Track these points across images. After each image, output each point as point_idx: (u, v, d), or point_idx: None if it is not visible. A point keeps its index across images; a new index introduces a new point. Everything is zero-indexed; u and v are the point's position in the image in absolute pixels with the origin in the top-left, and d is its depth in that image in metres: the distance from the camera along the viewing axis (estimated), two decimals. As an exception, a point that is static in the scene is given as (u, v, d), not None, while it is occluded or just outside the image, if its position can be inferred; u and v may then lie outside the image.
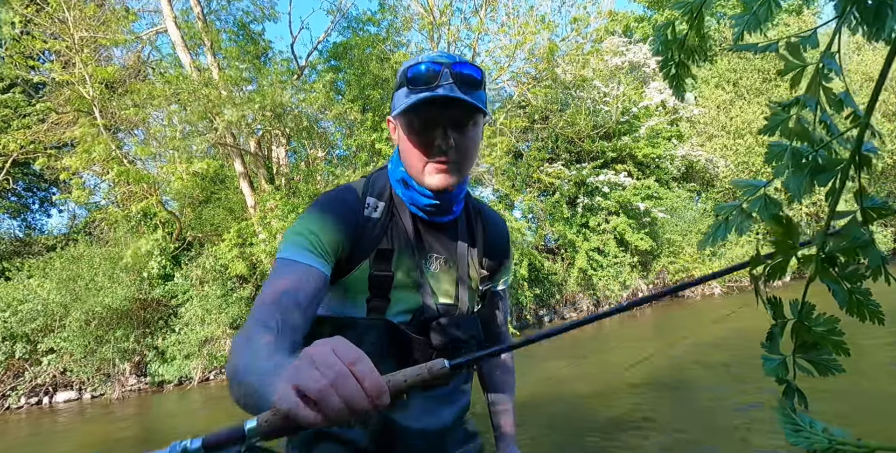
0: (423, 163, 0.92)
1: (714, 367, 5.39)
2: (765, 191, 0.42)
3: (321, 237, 0.89)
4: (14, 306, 7.80)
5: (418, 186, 0.95)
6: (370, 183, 1.02)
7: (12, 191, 12.02)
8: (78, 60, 7.92)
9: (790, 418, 0.39)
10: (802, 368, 0.43)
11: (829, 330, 0.42)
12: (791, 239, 0.40)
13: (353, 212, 0.96)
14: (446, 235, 1.04)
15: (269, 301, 0.79)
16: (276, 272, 0.85)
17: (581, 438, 3.78)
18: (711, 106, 15.00)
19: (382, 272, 0.95)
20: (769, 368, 0.43)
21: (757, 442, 3.31)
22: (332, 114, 8.93)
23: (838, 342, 0.42)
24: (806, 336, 0.43)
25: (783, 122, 0.41)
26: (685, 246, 11.85)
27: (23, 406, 7.56)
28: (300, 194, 8.16)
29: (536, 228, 11.12)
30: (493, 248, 1.12)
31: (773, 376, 0.43)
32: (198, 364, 7.98)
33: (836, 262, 0.40)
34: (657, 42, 0.49)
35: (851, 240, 0.39)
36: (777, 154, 0.41)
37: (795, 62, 0.41)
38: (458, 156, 0.92)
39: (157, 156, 8.66)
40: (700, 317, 9.33)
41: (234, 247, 8.00)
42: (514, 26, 10.03)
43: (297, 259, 0.86)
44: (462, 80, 0.89)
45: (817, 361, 0.43)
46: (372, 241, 0.96)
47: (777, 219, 0.40)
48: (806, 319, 0.42)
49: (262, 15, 9.48)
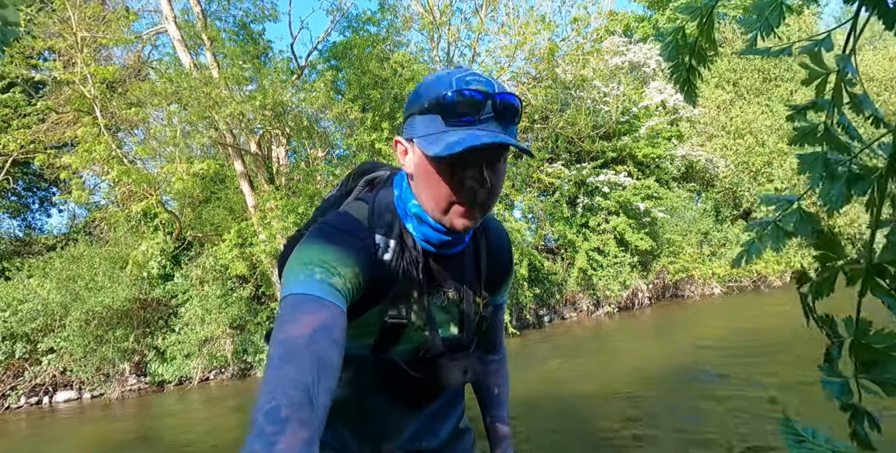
0: (448, 204, 0.82)
1: (714, 366, 5.40)
2: (799, 205, 0.40)
3: (340, 271, 0.76)
4: (14, 306, 7.80)
5: (434, 223, 0.85)
6: (375, 215, 0.89)
7: (12, 191, 12.01)
8: (79, 60, 7.91)
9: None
10: (868, 390, 0.40)
11: (891, 346, 0.39)
12: (835, 252, 0.38)
13: (367, 252, 0.84)
14: (454, 266, 0.96)
15: (300, 344, 0.64)
16: (295, 308, 0.69)
17: (581, 438, 3.78)
18: (711, 106, 15.00)
19: (397, 319, 0.89)
20: (833, 392, 0.40)
21: (758, 441, 3.32)
22: (333, 114, 8.93)
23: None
24: (866, 354, 0.40)
25: (811, 131, 0.40)
26: (685, 246, 11.86)
27: (22, 405, 7.56)
28: (300, 194, 8.16)
29: (536, 228, 11.12)
30: (497, 267, 1.07)
31: (837, 400, 0.40)
32: (198, 364, 7.98)
33: (884, 274, 0.38)
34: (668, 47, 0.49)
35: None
36: (811, 163, 0.39)
37: (818, 69, 0.40)
38: (488, 195, 0.81)
39: (158, 155, 8.66)
40: (700, 317, 9.33)
41: (234, 248, 8.00)
42: (514, 26, 10.02)
43: (319, 294, 0.71)
44: (504, 113, 0.78)
45: (882, 381, 0.39)
46: (386, 284, 0.87)
47: (819, 232, 0.38)
48: (864, 337, 0.40)
49: (263, 15, 9.46)
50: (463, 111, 0.76)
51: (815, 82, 0.39)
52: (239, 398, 7.05)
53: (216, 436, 5.14)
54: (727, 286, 12.03)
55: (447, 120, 0.77)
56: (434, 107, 0.77)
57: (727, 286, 12.03)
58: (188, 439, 5.16)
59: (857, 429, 0.39)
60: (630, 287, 11.08)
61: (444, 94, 0.76)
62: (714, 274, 11.73)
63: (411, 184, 0.87)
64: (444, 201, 0.81)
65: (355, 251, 0.81)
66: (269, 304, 8.63)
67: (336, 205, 1.04)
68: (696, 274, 11.70)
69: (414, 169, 0.84)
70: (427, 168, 0.81)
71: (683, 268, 11.57)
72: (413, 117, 0.83)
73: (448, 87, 0.77)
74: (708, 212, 13.03)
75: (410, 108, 0.83)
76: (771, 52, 0.43)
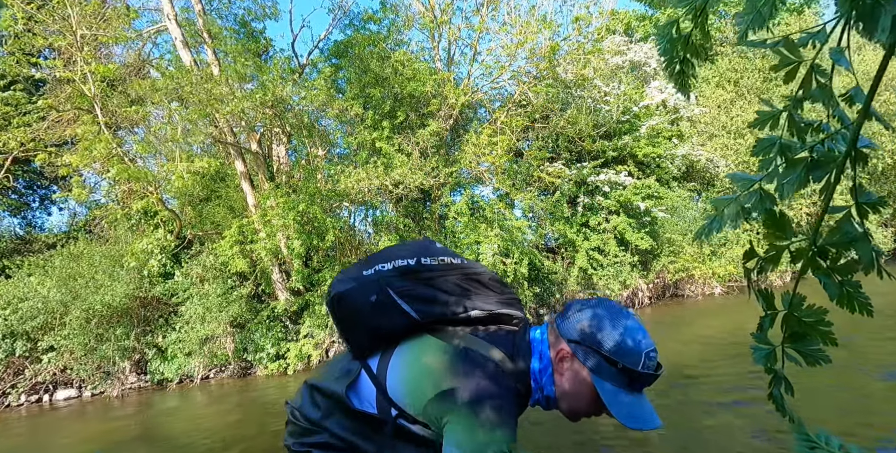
0: (575, 416, 1.09)
1: (714, 366, 5.40)
2: (760, 186, 0.42)
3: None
4: (14, 304, 7.81)
5: (550, 404, 1.09)
6: (518, 379, 1.06)
7: (13, 189, 12.02)
8: (79, 58, 7.91)
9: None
10: (791, 358, 0.43)
11: (818, 320, 0.42)
12: (783, 233, 0.40)
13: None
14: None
15: None
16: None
17: (580, 438, 3.78)
18: (712, 105, 14.99)
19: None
20: (758, 357, 0.43)
21: (758, 441, 3.31)
22: (333, 112, 8.93)
23: (826, 332, 0.42)
24: (795, 326, 0.43)
25: (774, 117, 0.41)
26: (685, 245, 11.86)
27: (23, 404, 7.57)
28: (301, 192, 8.17)
29: (537, 227, 11.12)
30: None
31: (762, 365, 0.43)
32: (198, 362, 7.99)
33: (827, 256, 0.41)
34: (662, 40, 0.49)
35: (843, 235, 0.39)
36: (765, 148, 0.41)
37: (791, 57, 0.41)
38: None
39: (158, 153, 8.66)
40: (700, 316, 9.33)
41: (234, 244, 8.01)
42: (515, 25, 10.01)
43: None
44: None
45: (805, 351, 0.43)
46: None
47: (770, 213, 0.40)
48: (796, 310, 0.43)
49: (264, 12, 9.46)
50: (644, 384, 1.01)
51: (784, 69, 0.40)
52: (240, 396, 7.06)
53: (217, 434, 5.15)
54: (727, 286, 12.03)
55: (630, 385, 1.00)
56: (625, 371, 0.99)
57: (727, 286, 12.03)
58: (189, 437, 5.17)
59: (774, 391, 0.43)
60: (630, 286, 11.09)
61: (636, 368, 0.99)
62: (714, 273, 11.72)
63: (558, 380, 1.06)
64: (580, 414, 1.07)
65: (518, 412, 1.05)
66: (270, 303, 8.64)
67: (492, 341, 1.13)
68: (696, 273, 11.70)
69: (573, 387, 1.05)
70: (589, 397, 1.03)
71: (684, 267, 11.58)
72: (598, 360, 1.01)
73: (638, 359, 0.99)
74: (708, 211, 13.02)
75: (595, 343, 1.01)
76: (765, 44, 0.43)
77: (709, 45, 0.53)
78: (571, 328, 1.04)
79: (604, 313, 1.03)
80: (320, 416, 1.14)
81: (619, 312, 1.03)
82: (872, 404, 3.80)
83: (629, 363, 0.97)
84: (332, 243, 7.98)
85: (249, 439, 4.83)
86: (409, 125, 9.85)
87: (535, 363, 1.07)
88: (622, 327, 1.00)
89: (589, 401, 1.03)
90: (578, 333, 1.02)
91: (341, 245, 9.01)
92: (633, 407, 0.99)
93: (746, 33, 0.41)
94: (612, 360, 0.98)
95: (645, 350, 0.99)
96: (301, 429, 1.17)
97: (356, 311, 1.13)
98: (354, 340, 1.17)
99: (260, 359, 8.13)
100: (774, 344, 0.44)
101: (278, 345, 8.16)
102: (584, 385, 1.02)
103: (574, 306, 1.09)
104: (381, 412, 1.09)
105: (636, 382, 0.99)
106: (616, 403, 0.99)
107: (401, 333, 1.13)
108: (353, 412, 1.10)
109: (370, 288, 1.12)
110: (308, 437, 1.15)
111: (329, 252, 9.01)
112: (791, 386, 0.43)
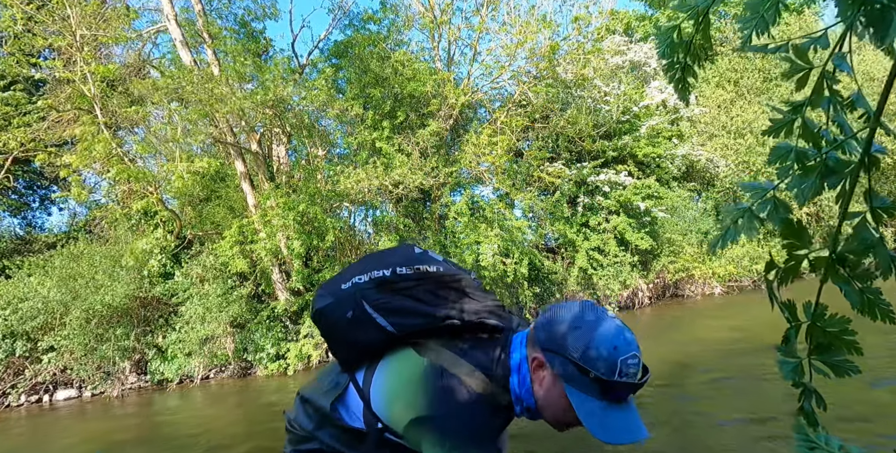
0: (559, 426, 1.06)
1: (714, 366, 5.40)
2: (773, 195, 0.41)
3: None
4: (14, 304, 7.81)
5: (532, 414, 1.07)
6: (495, 398, 1.05)
7: (13, 189, 12.02)
8: (79, 58, 7.91)
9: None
10: (818, 370, 0.43)
11: (842, 330, 0.41)
12: (801, 242, 0.40)
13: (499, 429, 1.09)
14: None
15: None
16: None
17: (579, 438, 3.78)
18: (712, 105, 14.98)
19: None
20: (786, 371, 0.43)
21: (759, 442, 3.31)
22: (333, 112, 8.93)
23: (851, 342, 0.41)
24: (820, 337, 0.42)
25: (788, 124, 0.41)
26: (685, 245, 11.86)
27: (23, 404, 7.57)
28: (301, 192, 8.17)
29: (537, 227, 11.12)
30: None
31: (790, 380, 0.42)
32: (198, 362, 7.99)
33: (846, 263, 0.40)
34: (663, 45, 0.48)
35: (861, 241, 0.38)
36: (781, 155, 0.41)
37: (801, 64, 0.40)
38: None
39: (158, 153, 8.66)
40: (700, 316, 9.33)
41: (234, 245, 8.01)
42: (515, 25, 10.01)
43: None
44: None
45: (833, 363, 0.42)
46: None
47: (788, 222, 0.40)
48: (819, 321, 0.42)
49: (264, 13, 9.45)
50: (621, 395, 0.95)
51: (795, 76, 0.39)
52: (240, 396, 7.06)
53: (217, 434, 5.15)
54: (727, 285, 12.03)
55: (605, 395, 0.94)
56: (597, 381, 0.93)
57: (727, 285, 12.03)
58: (189, 437, 5.17)
59: (805, 405, 0.42)
60: (630, 286, 11.09)
61: (611, 377, 0.92)
62: (714, 273, 11.72)
63: (540, 396, 1.03)
64: (563, 424, 1.04)
65: (496, 432, 1.08)
66: (270, 303, 8.64)
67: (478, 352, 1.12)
68: (696, 273, 11.70)
69: (550, 397, 1.01)
70: (566, 406, 0.98)
71: (684, 267, 11.58)
72: (570, 368, 0.96)
73: (613, 368, 0.92)
74: (708, 211, 13.03)
75: (564, 350, 0.96)
76: (769, 48, 0.43)
77: (709, 46, 0.52)
78: (545, 335, 1.00)
79: (578, 318, 0.98)
80: (313, 427, 1.18)
81: (595, 316, 0.98)
82: (876, 408, 3.79)
83: (602, 372, 0.92)
84: (332, 243, 7.99)
85: (249, 439, 4.82)
86: (409, 125, 9.85)
87: (513, 375, 1.04)
88: (595, 333, 0.94)
89: (566, 410, 0.98)
90: (550, 340, 0.98)
91: (341, 245, 9.01)
92: (608, 418, 0.94)
93: (750, 38, 0.41)
94: (584, 369, 0.93)
95: (622, 357, 0.92)
96: (298, 438, 1.21)
97: (334, 327, 1.13)
98: (339, 354, 1.18)
99: (260, 359, 8.13)
100: (801, 357, 0.44)
101: (278, 345, 8.16)
102: (558, 394, 0.99)
103: (550, 310, 1.04)
104: (367, 425, 1.10)
105: (612, 392, 0.93)
106: (588, 414, 0.94)
107: (381, 347, 1.12)
108: (341, 426, 1.13)
109: (346, 303, 1.11)
110: (304, 445, 1.20)
111: (329, 252, 9.01)
112: (823, 399, 0.42)
